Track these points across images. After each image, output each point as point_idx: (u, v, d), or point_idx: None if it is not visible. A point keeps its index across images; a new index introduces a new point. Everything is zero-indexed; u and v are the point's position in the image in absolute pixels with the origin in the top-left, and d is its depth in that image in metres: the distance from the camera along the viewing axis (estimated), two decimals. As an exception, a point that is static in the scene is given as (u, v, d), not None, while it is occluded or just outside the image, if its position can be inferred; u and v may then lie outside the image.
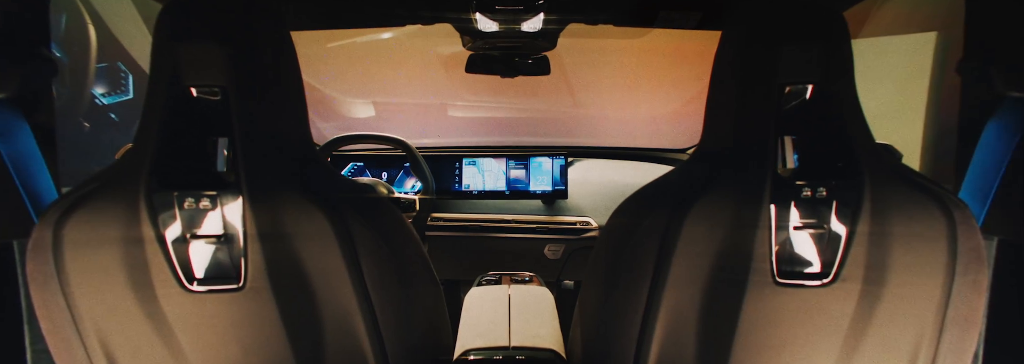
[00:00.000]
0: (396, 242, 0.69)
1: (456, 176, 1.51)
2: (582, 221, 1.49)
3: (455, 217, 1.52)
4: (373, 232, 0.66)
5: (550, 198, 1.50)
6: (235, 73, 0.59)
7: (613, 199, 1.52)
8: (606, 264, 0.72)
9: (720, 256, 0.63)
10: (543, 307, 0.99)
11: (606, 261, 0.72)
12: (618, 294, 0.70)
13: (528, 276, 1.36)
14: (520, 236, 1.51)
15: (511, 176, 1.50)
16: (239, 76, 0.59)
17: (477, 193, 1.50)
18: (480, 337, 0.85)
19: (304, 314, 0.63)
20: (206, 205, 0.58)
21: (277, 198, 0.62)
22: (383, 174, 1.52)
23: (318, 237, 0.63)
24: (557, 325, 0.92)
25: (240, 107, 0.59)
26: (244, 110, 0.60)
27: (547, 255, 1.56)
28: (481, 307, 0.99)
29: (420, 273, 0.75)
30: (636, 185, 0.74)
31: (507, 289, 1.11)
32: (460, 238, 1.53)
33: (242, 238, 0.59)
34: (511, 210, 1.53)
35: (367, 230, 0.65)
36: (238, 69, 0.59)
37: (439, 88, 1.90)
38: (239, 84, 0.59)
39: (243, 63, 0.60)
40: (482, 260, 1.60)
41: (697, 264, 0.64)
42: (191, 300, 0.59)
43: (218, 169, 0.59)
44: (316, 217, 0.63)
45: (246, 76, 0.60)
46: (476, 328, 0.89)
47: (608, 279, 0.71)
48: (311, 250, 0.63)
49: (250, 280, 0.60)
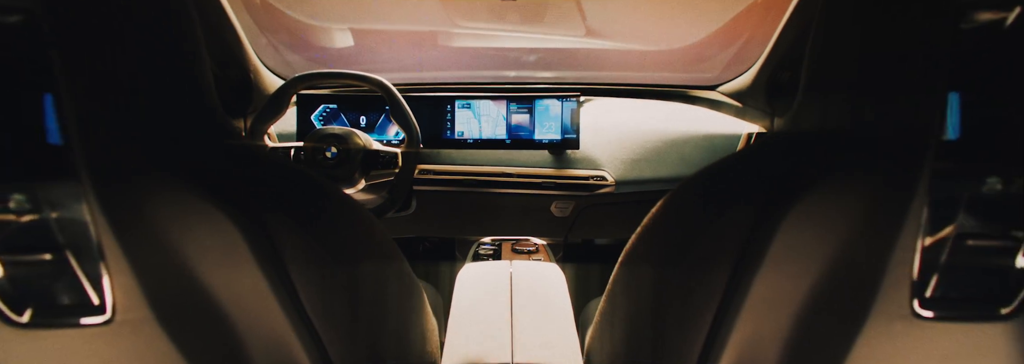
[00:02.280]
0: (347, 246, 0.48)
1: (447, 122, 1.27)
2: (596, 175, 1.28)
3: (447, 170, 1.30)
4: (308, 238, 0.45)
5: (558, 148, 1.27)
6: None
7: (632, 149, 1.29)
8: (656, 268, 0.52)
9: (827, 274, 0.42)
10: (554, 296, 0.80)
11: (657, 263, 0.52)
12: (672, 312, 0.50)
13: (533, 245, 1.17)
14: (523, 191, 1.30)
15: (512, 122, 1.26)
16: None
17: (472, 142, 1.27)
18: (474, 345, 0.66)
19: (215, 350, 0.44)
20: (19, 203, 0.36)
21: (153, 194, 0.40)
22: (361, 118, 1.28)
23: (223, 248, 0.42)
24: (571, 322, 0.74)
25: (71, 44, 0.36)
26: (77, 50, 0.36)
27: (554, 212, 1.36)
28: (475, 296, 0.80)
29: (386, 281, 0.54)
30: (662, 131, 0.52)
31: (508, 267, 0.92)
32: (453, 193, 1.32)
33: (95, 251, 0.38)
34: (512, 162, 1.30)
35: (299, 236, 0.44)
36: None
37: (429, 12, 1.60)
38: (62, 4, 0.35)
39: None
40: (479, 218, 1.41)
41: (791, 282, 0.43)
42: (21, 339, 0.38)
43: (41, 149, 0.37)
44: (217, 221, 0.41)
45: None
46: (469, 329, 0.71)
47: (658, 290, 0.51)
48: (215, 266, 0.42)
49: (121, 310, 0.39)
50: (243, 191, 0.43)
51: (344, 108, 1.28)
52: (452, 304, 0.80)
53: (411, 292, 0.59)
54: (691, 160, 1.29)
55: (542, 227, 1.41)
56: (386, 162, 1.09)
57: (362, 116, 1.28)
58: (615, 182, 1.27)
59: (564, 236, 1.44)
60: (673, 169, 1.29)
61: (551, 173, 1.28)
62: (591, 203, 1.35)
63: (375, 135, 1.27)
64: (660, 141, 1.30)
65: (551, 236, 1.45)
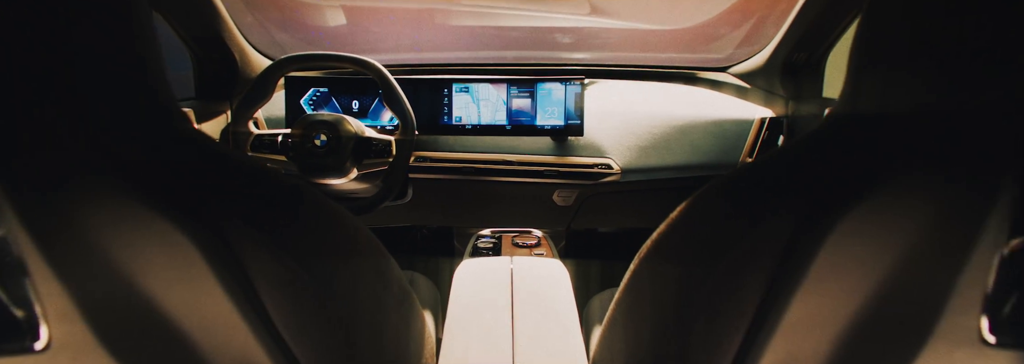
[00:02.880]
0: (323, 257, 0.43)
1: (445, 107, 1.20)
2: (601, 163, 1.22)
3: (444, 157, 1.24)
4: (276, 249, 0.39)
5: (561, 135, 1.21)
6: None
7: (639, 136, 1.23)
8: (678, 282, 0.46)
9: (879, 292, 0.37)
10: (557, 297, 0.75)
11: (677, 278, 0.46)
12: (697, 330, 0.44)
13: (535, 238, 1.12)
14: (524, 180, 1.24)
15: (513, 107, 1.19)
16: None
17: (471, 128, 1.20)
18: (473, 355, 0.62)
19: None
20: None
21: (83, 202, 0.34)
22: (354, 103, 1.21)
23: (176, 263, 0.36)
24: (577, 328, 0.69)
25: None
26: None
27: (556, 201, 1.31)
28: (473, 298, 0.75)
29: (371, 293, 0.49)
30: (670, 116, 0.46)
31: (509, 264, 0.87)
32: (451, 181, 1.27)
33: (19, 271, 0.32)
34: (513, 149, 1.24)
35: (265, 247, 0.38)
36: None
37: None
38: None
39: None
40: (478, 207, 1.36)
41: (835, 302, 0.38)
42: None
43: None
44: (165, 233, 0.35)
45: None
46: (467, 336, 0.66)
47: (680, 306, 0.46)
48: (169, 284, 0.36)
49: (58, 336, 0.34)
50: (193, 195, 0.37)
51: (335, 92, 1.21)
52: (449, 306, 0.75)
53: (401, 301, 0.53)
54: (701, 147, 1.23)
55: (544, 216, 1.36)
56: (379, 151, 1.03)
57: (354, 100, 1.21)
58: (621, 170, 1.22)
59: (567, 225, 1.39)
60: (682, 156, 1.23)
61: (554, 161, 1.22)
62: (595, 192, 1.29)
63: (368, 121, 1.21)
64: (668, 127, 1.24)
65: (553, 226, 1.40)
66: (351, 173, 1.04)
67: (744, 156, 1.24)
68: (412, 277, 1.08)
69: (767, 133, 1.24)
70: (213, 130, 1.24)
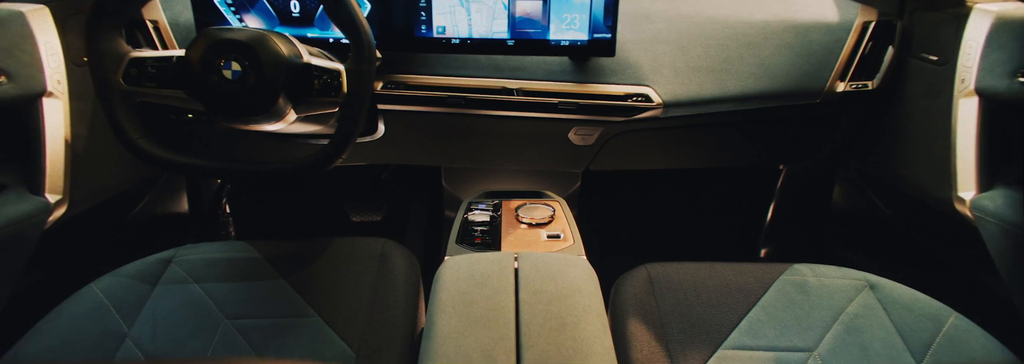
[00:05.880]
0: None
1: (421, 11, 0.85)
2: (637, 94, 0.89)
3: (421, 82, 0.91)
4: None
5: (584, 54, 0.87)
6: None
7: (690, 53, 0.89)
8: None
9: None
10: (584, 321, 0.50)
11: None
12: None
13: (548, 210, 0.84)
14: (531, 115, 0.93)
15: (517, 13, 0.84)
16: None
17: (458, 43, 0.86)
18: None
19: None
20: None
21: None
22: (292, 4, 0.85)
23: None
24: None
25: None
26: None
27: (573, 140, 1.01)
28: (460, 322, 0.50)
29: None
30: (733, 23, 0.33)
31: (511, 262, 0.61)
32: (433, 115, 0.95)
33: None
34: (517, 72, 0.91)
35: None
36: None
37: None
38: None
39: None
40: (469, 147, 1.06)
41: None
42: None
43: None
44: None
45: None
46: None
47: None
48: None
49: None
50: None
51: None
52: (425, 329, 0.52)
53: None
54: (774, 67, 0.90)
55: (555, 157, 1.07)
56: (325, 86, 0.70)
57: (292, 1, 0.85)
58: (663, 103, 0.90)
59: (585, 167, 1.10)
60: (747, 82, 0.90)
61: (573, 90, 0.90)
62: (626, 129, 0.98)
63: (315, 30, 0.86)
64: (730, 38, 0.89)
65: (566, 166, 1.11)
66: (287, 115, 0.72)
67: (834, 79, 0.91)
68: (384, 248, 0.83)
69: (870, 44, 0.89)
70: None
